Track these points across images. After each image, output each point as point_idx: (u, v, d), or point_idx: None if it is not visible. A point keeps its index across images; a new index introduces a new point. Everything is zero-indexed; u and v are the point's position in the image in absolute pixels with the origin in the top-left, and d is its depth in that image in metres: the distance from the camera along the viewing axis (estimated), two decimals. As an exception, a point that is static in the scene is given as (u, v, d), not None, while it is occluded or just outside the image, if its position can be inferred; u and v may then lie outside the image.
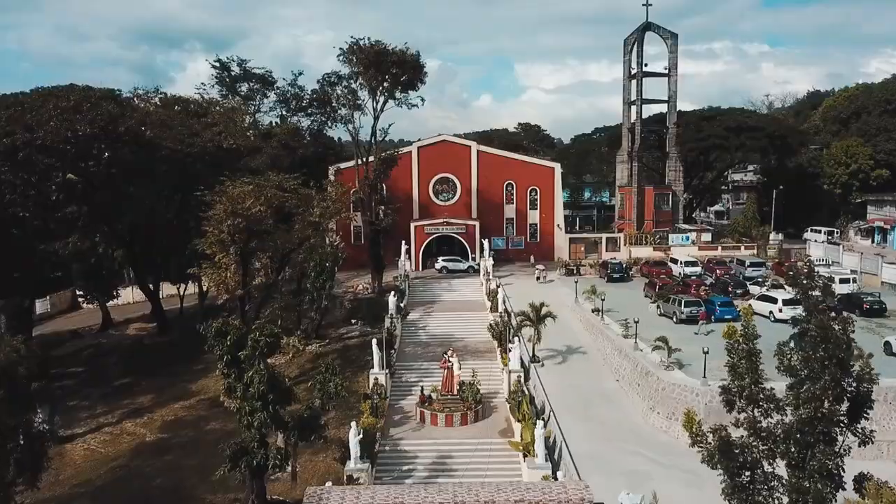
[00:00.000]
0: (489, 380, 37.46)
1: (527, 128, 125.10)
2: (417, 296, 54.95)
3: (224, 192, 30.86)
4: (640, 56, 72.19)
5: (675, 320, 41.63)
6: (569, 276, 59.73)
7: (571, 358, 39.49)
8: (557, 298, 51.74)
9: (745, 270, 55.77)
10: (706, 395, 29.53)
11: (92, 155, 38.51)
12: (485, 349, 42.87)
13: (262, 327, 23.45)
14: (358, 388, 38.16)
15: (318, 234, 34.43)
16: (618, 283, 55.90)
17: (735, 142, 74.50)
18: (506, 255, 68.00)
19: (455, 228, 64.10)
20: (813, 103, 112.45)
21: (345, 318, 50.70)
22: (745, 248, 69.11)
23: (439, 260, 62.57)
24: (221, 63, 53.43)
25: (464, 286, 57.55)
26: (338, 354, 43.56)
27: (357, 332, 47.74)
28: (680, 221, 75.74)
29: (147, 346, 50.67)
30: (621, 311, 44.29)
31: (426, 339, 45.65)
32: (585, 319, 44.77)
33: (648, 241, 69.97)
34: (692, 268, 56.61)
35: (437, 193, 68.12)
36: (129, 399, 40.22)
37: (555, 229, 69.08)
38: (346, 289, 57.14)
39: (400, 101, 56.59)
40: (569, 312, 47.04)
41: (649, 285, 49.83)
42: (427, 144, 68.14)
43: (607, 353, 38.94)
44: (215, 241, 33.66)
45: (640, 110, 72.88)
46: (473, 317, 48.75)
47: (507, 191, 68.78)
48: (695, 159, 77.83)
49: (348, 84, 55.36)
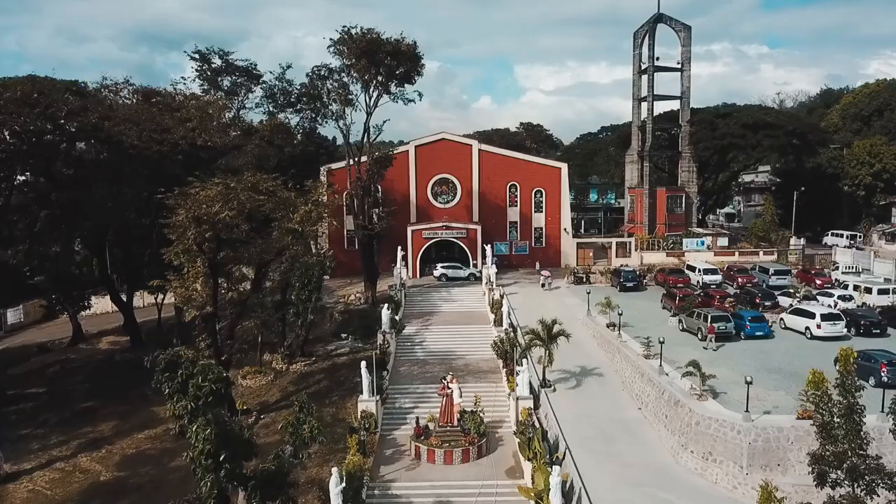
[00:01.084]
0: (494, 406, 33.16)
1: (529, 127, 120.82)
2: (414, 306, 50.63)
3: (186, 196, 26.50)
4: (652, 49, 67.94)
5: (700, 337, 37.30)
6: (578, 284, 55.45)
7: (586, 381, 35.13)
8: (567, 310, 47.45)
9: (768, 279, 51.49)
10: (749, 433, 25.20)
11: (50, 152, 34.19)
12: (488, 369, 38.58)
13: (207, 369, 19.03)
14: (346, 414, 33.90)
15: (299, 242, 30.14)
16: (631, 292, 51.60)
17: (752, 140, 70.13)
18: (509, 261, 63.67)
19: (455, 233, 59.78)
20: (826, 101, 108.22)
21: (334, 333, 46.39)
22: (764, 254, 64.78)
23: (438, 267, 58.25)
24: (201, 55, 49.17)
25: (464, 295, 53.23)
26: (324, 375, 39.26)
27: (347, 348, 43.43)
28: (693, 225, 71.53)
29: (118, 363, 46.33)
30: (638, 325, 40.07)
31: (423, 356, 41.33)
32: (600, 335, 40.43)
33: (661, 246, 65.69)
34: (712, 276, 52.31)
35: (435, 195, 63.83)
36: (89, 427, 35.87)
37: (561, 234, 64.74)
38: (337, 298, 52.81)
39: (395, 95, 52.32)
40: (580, 327, 42.70)
41: (668, 296, 45.47)
42: (425, 143, 63.81)
43: (626, 375, 34.59)
44: (181, 250, 29.38)
45: (651, 107, 68.61)
46: (475, 331, 44.43)
47: (510, 192, 64.47)
48: (709, 159, 73.43)
49: (339, 77, 51.12)
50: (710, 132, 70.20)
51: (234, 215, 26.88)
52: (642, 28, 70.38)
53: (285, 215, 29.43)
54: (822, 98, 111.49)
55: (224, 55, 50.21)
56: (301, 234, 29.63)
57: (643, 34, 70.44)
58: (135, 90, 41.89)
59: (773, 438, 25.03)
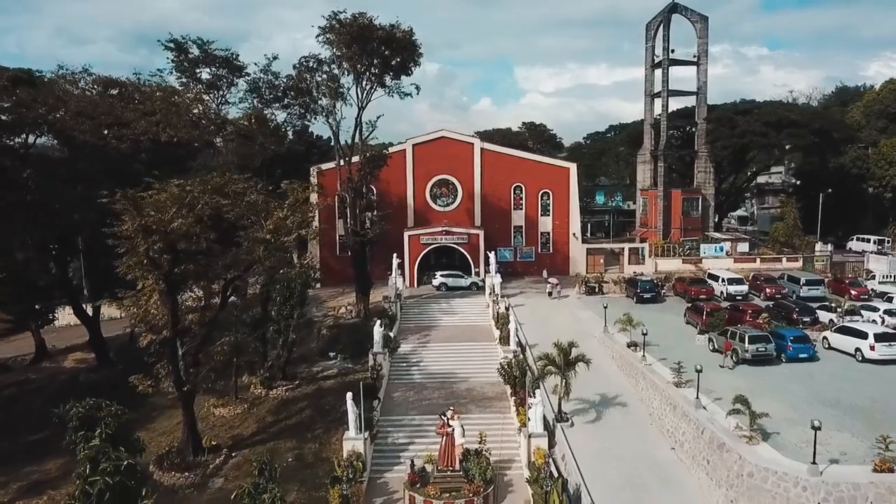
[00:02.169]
0: (501, 443, 28.51)
1: (531, 127, 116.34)
2: (411, 319, 46.05)
3: (131, 201, 21.88)
4: (667, 41, 63.29)
5: (734, 360, 32.72)
6: (590, 294, 50.86)
7: (608, 413, 30.52)
8: (580, 325, 42.92)
9: (799, 289, 46.90)
10: (818, 490, 20.59)
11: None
12: (494, 395, 34.01)
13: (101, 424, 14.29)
14: (331, 451, 29.35)
15: (273, 254, 25.63)
16: (648, 304, 47.04)
17: (774, 139, 65.50)
18: (514, 268, 59.17)
19: (456, 238, 55.21)
20: (842, 99, 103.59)
21: (321, 351, 41.82)
22: (788, 261, 60.29)
23: (437, 275, 53.68)
24: (177, 44, 44.59)
25: (466, 307, 48.66)
26: (308, 402, 34.64)
27: (335, 370, 38.84)
28: (710, 229, 66.95)
29: (82, 384, 41.60)
30: (660, 343, 35.43)
31: (421, 379, 36.75)
32: (620, 356, 35.81)
33: (677, 252, 61.14)
34: (737, 286, 47.65)
35: (434, 198, 59.31)
36: (35, 465, 31.23)
37: (570, 239, 60.20)
38: (326, 311, 48.23)
39: (390, 89, 47.82)
40: (597, 346, 38.09)
41: (693, 310, 40.85)
42: (423, 141, 59.29)
43: (654, 405, 29.98)
44: (134, 263, 24.81)
45: (666, 102, 63.98)
46: (479, 350, 39.83)
47: (515, 195, 59.94)
48: (727, 159, 68.75)
49: (329, 69, 46.57)
50: (728, 130, 65.55)
51: (192, 223, 22.35)
52: (655, 19, 65.82)
53: (256, 222, 24.87)
54: (838, 96, 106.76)
55: (202, 45, 45.64)
56: (274, 246, 25.03)
57: (656, 26, 65.89)
58: (94, 80, 37.40)
59: (847, 498, 20.44)
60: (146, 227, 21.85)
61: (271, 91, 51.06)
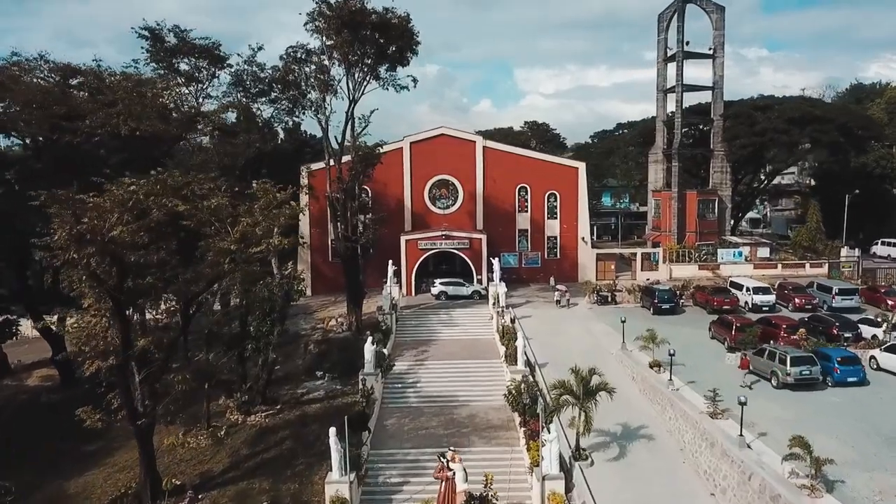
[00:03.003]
0: (510, 484, 24.56)
1: (534, 126, 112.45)
2: (408, 333, 42.09)
3: (64, 204, 17.83)
4: (682, 32, 59.47)
5: (775, 384, 28.77)
6: (602, 304, 46.88)
7: (632, 448, 26.51)
8: (594, 340, 38.98)
9: (831, 299, 42.94)
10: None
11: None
12: (500, 423, 30.07)
13: None
14: (312, 494, 25.34)
15: (240, 266, 21.61)
16: (667, 315, 43.07)
17: (797, 136, 61.48)
18: (518, 275, 55.23)
19: (456, 243, 51.24)
20: (857, 97, 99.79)
21: (308, 369, 37.83)
22: (811, 267, 56.37)
23: (436, 283, 49.70)
24: (151, 31, 40.66)
25: (468, 318, 44.70)
26: (290, 431, 30.57)
27: (322, 392, 34.83)
28: (727, 232, 63.01)
29: (43, 405, 37.76)
30: (684, 361, 31.43)
31: (417, 402, 32.81)
32: (641, 378, 31.77)
33: (693, 257, 57.21)
34: (763, 296, 43.64)
35: (434, 199, 55.39)
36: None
37: (579, 243, 56.23)
38: (314, 323, 44.24)
39: (385, 81, 43.87)
40: (615, 365, 34.09)
41: (720, 324, 36.85)
42: (422, 139, 55.37)
43: (687, 440, 25.99)
44: (76, 278, 20.84)
45: (680, 98, 60.10)
46: (482, 368, 35.87)
47: (519, 196, 55.99)
48: (743, 158, 64.65)
49: (319, 60, 42.66)
50: (747, 127, 61.55)
51: (137, 231, 18.39)
52: (668, 9, 61.97)
53: (222, 230, 20.91)
54: (853, 93, 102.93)
55: (180, 32, 41.67)
56: (243, 257, 21.02)
57: (669, 16, 62.07)
58: (52, 69, 33.44)
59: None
60: (80, 235, 17.90)
61: (256, 84, 46.99)
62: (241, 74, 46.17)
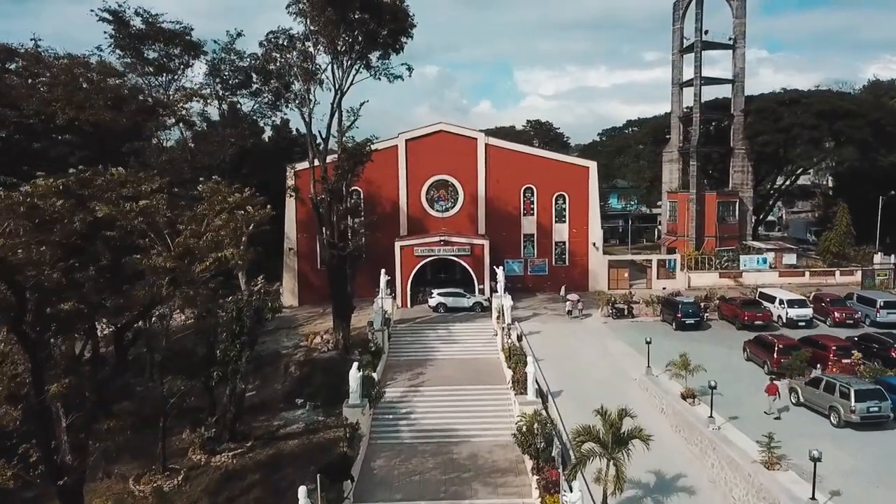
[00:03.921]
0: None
1: (536, 125, 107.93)
2: (401, 352, 37.51)
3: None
4: (700, 20, 54.98)
5: (835, 422, 24.20)
6: (618, 318, 42.32)
7: (669, 502, 21.87)
8: (612, 361, 34.41)
9: (875, 313, 38.40)
10: None
11: None
12: (506, 465, 25.58)
13: None
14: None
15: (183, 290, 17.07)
16: (691, 331, 38.54)
17: (826, 132, 56.87)
18: (524, 283, 50.70)
19: (456, 249, 46.65)
20: (875, 93, 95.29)
21: (288, 394, 33.24)
22: (842, 274, 51.88)
23: (434, 294, 45.12)
24: (113, 14, 36.10)
25: (470, 334, 40.13)
26: (261, 475, 25.99)
27: (302, 424, 30.21)
28: (748, 237, 58.44)
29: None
30: (719, 387, 26.47)
31: (411, 438, 28.25)
32: (673, 411, 27.11)
33: (713, 264, 52.67)
34: (799, 309, 39.02)
35: (432, 202, 50.85)
36: None
37: (589, 249, 51.64)
38: (298, 340, 39.63)
39: (377, 69, 39.34)
40: (639, 393, 29.52)
41: (757, 345, 32.27)
42: (418, 136, 50.83)
43: (737, 495, 21.35)
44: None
45: (699, 91, 55.60)
46: (487, 397, 31.25)
47: (525, 198, 51.44)
48: (768, 156, 60.01)
49: (303, 46, 38.20)
50: (771, 123, 56.94)
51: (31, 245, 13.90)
52: (685, -5, 57.51)
53: (158, 242, 16.36)
54: (871, 90, 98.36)
55: (147, 16, 37.16)
56: (186, 278, 16.46)
57: (685, 3, 57.65)
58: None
59: None
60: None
61: (236, 75, 42.57)
62: (217, 64, 41.75)
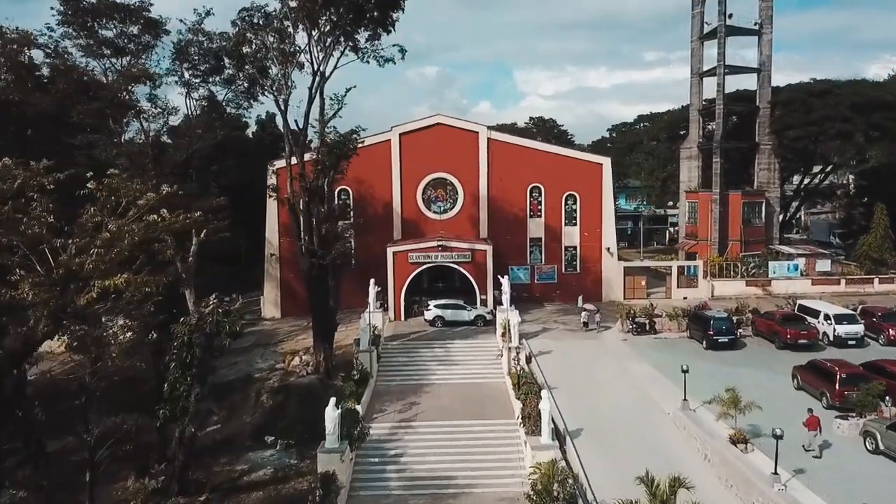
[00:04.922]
0: None
1: (539, 122, 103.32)
2: (392, 375, 32.55)
3: None
4: (724, 3, 49.86)
5: None
6: (638, 333, 37.37)
7: None
8: (638, 389, 29.44)
9: (933, 330, 33.47)
10: None
11: None
12: (518, 529, 20.55)
13: None
14: None
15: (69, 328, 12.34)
16: (725, 350, 33.56)
17: (862, 126, 51.86)
18: (531, 293, 45.76)
19: (455, 255, 41.70)
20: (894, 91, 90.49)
21: (257, 429, 28.24)
22: (881, 282, 47.06)
23: (431, 305, 40.17)
24: (61, -15, 31.46)
25: (471, 353, 35.18)
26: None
27: (270, 469, 25.21)
28: (775, 241, 53.49)
29: None
30: (770, 424, 21.19)
31: (400, 489, 23.29)
32: (722, 460, 22.00)
33: (739, 271, 47.76)
34: (849, 325, 34.05)
35: (428, 202, 45.92)
36: None
37: (603, 255, 46.70)
38: (275, 361, 34.60)
39: (365, 51, 34.44)
40: (673, 431, 24.56)
41: (812, 373, 27.27)
42: (414, 130, 45.87)
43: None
44: None
45: (722, 81, 50.55)
46: (491, 435, 26.20)
47: (531, 198, 46.48)
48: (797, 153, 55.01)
49: (280, 24, 33.38)
50: (802, 116, 51.95)
51: None
52: (706, -23, 52.56)
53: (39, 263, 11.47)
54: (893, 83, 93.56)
55: (100, -9, 32.32)
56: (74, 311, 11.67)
57: (707, -15, 52.62)
58: None
59: None
60: None
61: (205, 59, 37.53)
62: (184, 46, 36.74)
